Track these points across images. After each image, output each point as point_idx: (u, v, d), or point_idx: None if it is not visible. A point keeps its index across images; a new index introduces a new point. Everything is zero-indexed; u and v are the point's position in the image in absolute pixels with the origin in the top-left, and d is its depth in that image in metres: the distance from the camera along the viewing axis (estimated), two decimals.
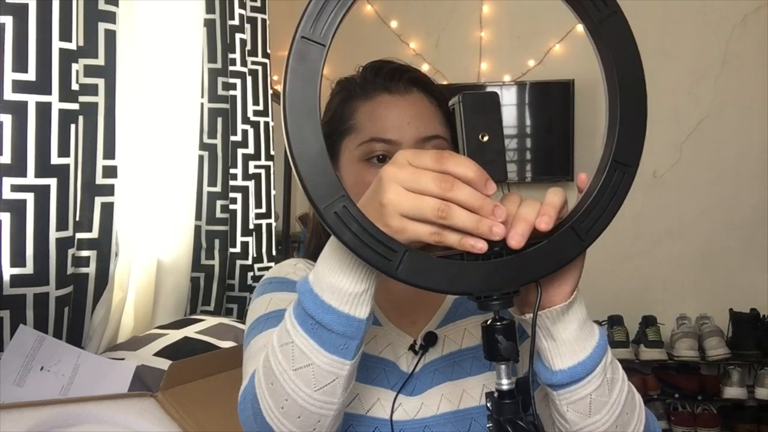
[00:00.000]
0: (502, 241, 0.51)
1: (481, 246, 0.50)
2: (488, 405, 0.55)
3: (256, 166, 2.07)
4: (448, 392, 0.80)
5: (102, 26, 1.33)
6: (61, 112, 1.20)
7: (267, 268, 2.12)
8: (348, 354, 0.57)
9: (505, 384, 0.54)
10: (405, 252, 0.50)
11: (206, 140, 1.84)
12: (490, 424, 0.55)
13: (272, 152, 2.16)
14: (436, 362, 0.82)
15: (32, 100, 1.16)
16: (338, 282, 0.55)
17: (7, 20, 1.13)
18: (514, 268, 0.52)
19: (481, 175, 0.51)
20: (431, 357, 0.82)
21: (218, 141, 1.87)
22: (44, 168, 1.18)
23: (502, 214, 0.51)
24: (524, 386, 0.54)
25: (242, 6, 2.01)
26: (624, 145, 0.53)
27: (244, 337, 0.78)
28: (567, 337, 0.58)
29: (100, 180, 1.34)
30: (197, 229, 1.81)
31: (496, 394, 0.54)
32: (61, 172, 1.21)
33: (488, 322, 0.55)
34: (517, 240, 0.51)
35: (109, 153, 1.36)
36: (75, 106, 1.25)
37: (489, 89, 3.14)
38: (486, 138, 0.54)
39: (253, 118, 2.07)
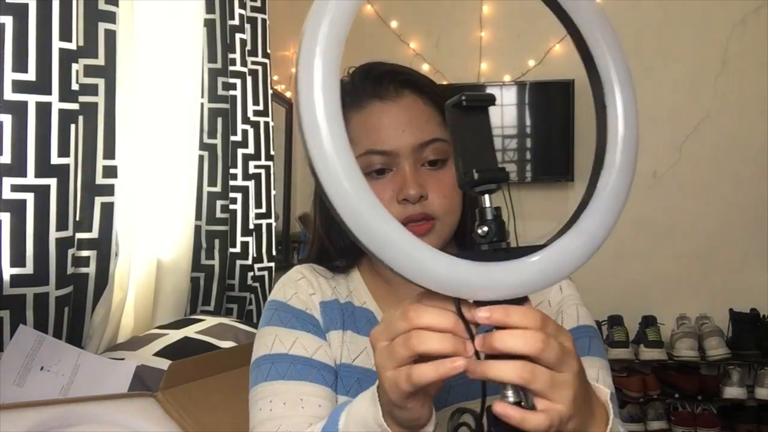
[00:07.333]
0: None
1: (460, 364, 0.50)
2: (485, 420, 0.53)
3: (256, 166, 2.07)
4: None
5: (102, 26, 1.33)
6: (61, 112, 1.20)
7: (267, 268, 2.12)
8: None
9: (511, 396, 0.51)
10: None
11: (206, 140, 1.84)
12: None
13: (272, 152, 2.16)
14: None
15: (32, 100, 1.16)
16: None
17: (7, 20, 1.13)
18: None
19: (451, 324, 0.51)
20: None
21: (218, 141, 1.87)
22: (44, 168, 1.18)
23: (471, 349, 0.51)
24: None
25: (242, 6, 2.01)
26: None
27: (251, 368, 0.80)
28: None
29: (100, 180, 1.34)
30: (197, 229, 1.81)
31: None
32: (61, 172, 1.21)
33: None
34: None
35: (109, 153, 1.36)
36: (75, 106, 1.24)
37: (489, 89, 3.14)
38: (477, 142, 0.53)
39: (253, 118, 2.07)
